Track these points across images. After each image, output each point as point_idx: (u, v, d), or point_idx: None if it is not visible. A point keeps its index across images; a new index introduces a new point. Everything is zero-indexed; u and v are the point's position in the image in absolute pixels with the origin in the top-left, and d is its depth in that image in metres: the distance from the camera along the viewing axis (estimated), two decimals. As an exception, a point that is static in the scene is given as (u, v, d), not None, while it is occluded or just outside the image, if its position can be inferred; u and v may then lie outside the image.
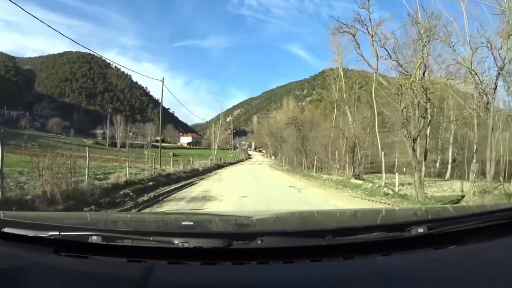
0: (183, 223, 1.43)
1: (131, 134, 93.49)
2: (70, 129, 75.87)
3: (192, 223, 1.42)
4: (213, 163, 30.91)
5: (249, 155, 75.76)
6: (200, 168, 22.55)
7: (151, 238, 0.91)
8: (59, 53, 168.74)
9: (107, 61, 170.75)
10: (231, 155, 49.54)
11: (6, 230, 0.94)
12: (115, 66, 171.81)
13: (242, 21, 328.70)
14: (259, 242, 0.88)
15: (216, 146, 41.40)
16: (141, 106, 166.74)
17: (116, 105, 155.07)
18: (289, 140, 34.14)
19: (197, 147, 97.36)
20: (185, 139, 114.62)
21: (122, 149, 58.54)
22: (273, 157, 63.53)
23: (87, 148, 12.77)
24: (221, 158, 36.50)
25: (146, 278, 0.80)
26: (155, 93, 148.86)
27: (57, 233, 0.92)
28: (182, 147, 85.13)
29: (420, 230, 0.97)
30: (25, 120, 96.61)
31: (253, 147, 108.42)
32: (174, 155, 54.68)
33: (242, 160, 54.47)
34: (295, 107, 40.23)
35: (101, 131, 74.61)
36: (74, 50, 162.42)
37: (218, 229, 1.28)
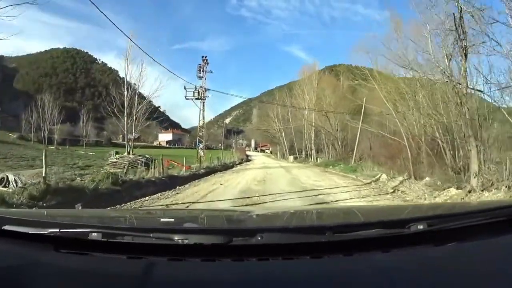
0: (183, 219, 1.43)
1: (106, 130, 75.29)
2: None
3: (192, 219, 1.43)
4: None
5: (248, 156, 53.29)
6: None
7: (151, 235, 0.90)
8: (46, 50, 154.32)
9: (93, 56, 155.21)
10: (201, 154, 26.31)
11: (6, 227, 0.93)
12: (102, 61, 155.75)
13: (241, 22, 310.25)
14: (259, 238, 0.88)
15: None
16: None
17: (97, 101, 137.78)
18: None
19: (177, 146, 77.76)
20: (164, 137, 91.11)
21: (50, 147, 40.64)
22: (291, 157, 41.59)
23: None
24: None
25: (146, 275, 0.80)
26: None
27: (57, 230, 0.92)
28: (158, 146, 65.58)
29: (420, 226, 0.96)
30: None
31: (253, 145, 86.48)
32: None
33: (231, 166, 24.24)
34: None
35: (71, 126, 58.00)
36: (61, 47, 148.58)
37: (218, 226, 1.28)
